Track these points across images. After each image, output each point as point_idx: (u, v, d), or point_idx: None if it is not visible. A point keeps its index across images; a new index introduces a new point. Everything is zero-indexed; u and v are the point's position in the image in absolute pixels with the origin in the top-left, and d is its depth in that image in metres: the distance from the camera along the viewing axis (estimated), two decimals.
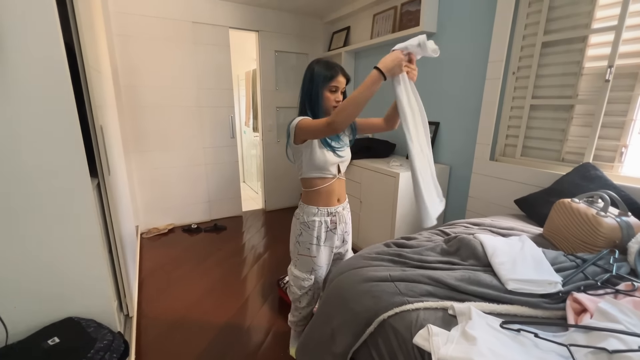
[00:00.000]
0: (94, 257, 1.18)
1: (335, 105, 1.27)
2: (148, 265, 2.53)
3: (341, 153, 1.33)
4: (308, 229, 1.36)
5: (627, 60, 1.54)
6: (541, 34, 1.81)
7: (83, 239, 1.15)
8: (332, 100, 1.27)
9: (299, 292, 1.46)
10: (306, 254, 1.39)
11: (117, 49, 2.72)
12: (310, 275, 1.42)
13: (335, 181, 1.35)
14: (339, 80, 1.26)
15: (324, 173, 1.32)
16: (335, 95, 1.27)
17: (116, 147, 2.06)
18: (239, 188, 3.63)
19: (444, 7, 2.32)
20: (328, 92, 1.26)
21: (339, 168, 1.36)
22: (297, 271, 1.44)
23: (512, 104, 2.02)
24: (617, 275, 0.97)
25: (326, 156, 1.29)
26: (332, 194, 1.36)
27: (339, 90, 1.27)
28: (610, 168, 1.62)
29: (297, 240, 1.40)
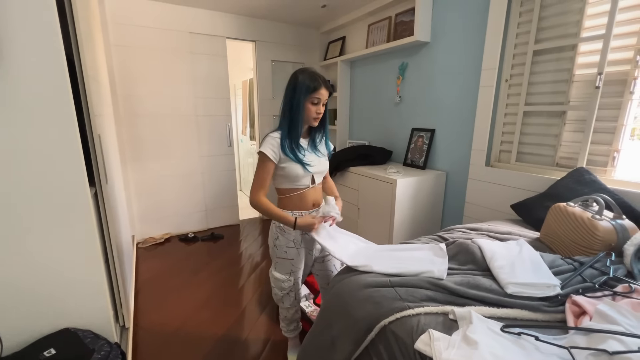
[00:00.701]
0: (91, 267, 1.17)
1: (315, 117, 1.28)
2: (144, 275, 2.50)
3: (312, 168, 1.33)
4: (284, 232, 1.38)
5: (616, 68, 1.58)
6: (532, 43, 1.86)
7: (81, 248, 1.13)
8: (313, 112, 1.27)
9: (280, 293, 1.48)
10: (284, 257, 1.41)
11: (115, 59, 2.73)
12: (289, 276, 1.44)
13: (309, 190, 1.37)
14: (321, 93, 1.25)
15: (295, 185, 1.34)
16: (316, 107, 1.27)
17: (113, 156, 2.05)
18: (236, 196, 3.62)
19: (437, 18, 2.38)
20: (310, 104, 1.26)
21: (313, 179, 1.37)
22: (277, 273, 1.46)
23: (505, 110, 2.06)
24: (614, 277, 0.98)
25: (296, 170, 1.29)
26: (306, 199, 1.37)
27: (320, 102, 1.27)
28: (604, 172, 1.65)
29: (274, 244, 1.43)
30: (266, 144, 1.27)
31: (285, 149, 1.27)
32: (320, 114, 1.29)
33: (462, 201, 2.32)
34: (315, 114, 1.28)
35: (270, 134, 1.30)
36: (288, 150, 1.27)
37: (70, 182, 1.08)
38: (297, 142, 1.30)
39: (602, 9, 1.60)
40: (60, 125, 1.04)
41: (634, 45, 1.52)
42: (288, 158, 1.28)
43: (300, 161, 1.29)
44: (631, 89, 1.54)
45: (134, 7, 2.74)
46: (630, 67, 1.53)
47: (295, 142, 1.29)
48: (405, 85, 2.74)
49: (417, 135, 2.66)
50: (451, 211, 2.46)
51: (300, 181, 1.33)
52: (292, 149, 1.28)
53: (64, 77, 1.03)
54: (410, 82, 2.69)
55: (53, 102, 1.02)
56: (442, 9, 2.33)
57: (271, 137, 1.29)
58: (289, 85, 1.30)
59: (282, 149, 1.27)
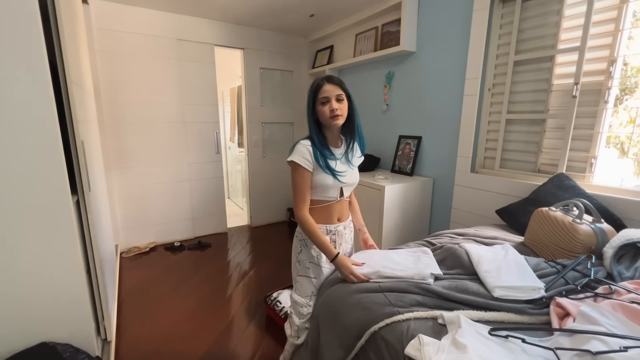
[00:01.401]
0: (72, 277, 1.13)
1: (330, 116, 1.17)
2: (128, 286, 2.42)
3: (343, 178, 1.24)
4: (306, 246, 1.29)
5: (591, 78, 1.66)
6: (512, 54, 1.93)
7: (61, 258, 1.09)
8: (326, 112, 1.18)
9: (298, 321, 1.31)
10: (305, 275, 1.30)
11: (100, 65, 2.69)
12: (309, 301, 1.29)
13: (337, 202, 1.29)
14: (325, 90, 1.18)
15: (322, 196, 1.25)
16: (328, 106, 1.17)
17: (97, 164, 2.00)
18: (224, 204, 3.57)
19: (422, 29, 2.45)
20: (320, 106, 1.19)
21: (342, 192, 1.29)
22: (297, 296, 1.32)
23: (489, 118, 2.12)
24: (595, 279, 1.01)
25: (326, 180, 1.21)
26: (332, 213, 1.29)
27: (330, 99, 1.17)
28: (582, 178, 1.71)
29: (297, 259, 1.32)
30: (296, 152, 1.19)
31: (318, 157, 1.19)
32: (335, 111, 1.16)
33: (448, 207, 2.36)
34: (329, 113, 1.17)
35: (301, 141, 1.22)
36: (320, 157, 1.19)
37: (51, 189, 1.04)
38: (324, 148, 1.22)
39: (577, 23, 1.68)
40: (41, 130, 1.01)
41: (607, 57, 1.60)
42: (319, 167, 1.20)
43: (332, 170, 1.21)
44: (605, 98, 1.62)
45: (120, 13, 2.71)
46: (604, 78, 1.61)
47: (321, 148, 1.21)
48: (392, 94, 2.79)
49: (404, 143, 2.70)
50: (438, 217, 2.49)
51: (328, 192, 1.24)
52: (322, 156, 1.20)
53: (46, 81, 1.01)
54: (397, 91, 2.74)
55: (35, 106, 1.00)
56: (427, 20, 2.40)
57: (301, 145, 1.20)
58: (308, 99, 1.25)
59: (315, 156, 1.19)
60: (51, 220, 1.05)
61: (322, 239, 1.20)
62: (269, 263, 2.83)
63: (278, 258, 2.92)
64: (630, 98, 1.60)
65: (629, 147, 1.61)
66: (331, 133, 1.25)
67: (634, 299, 0.88)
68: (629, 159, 1.61)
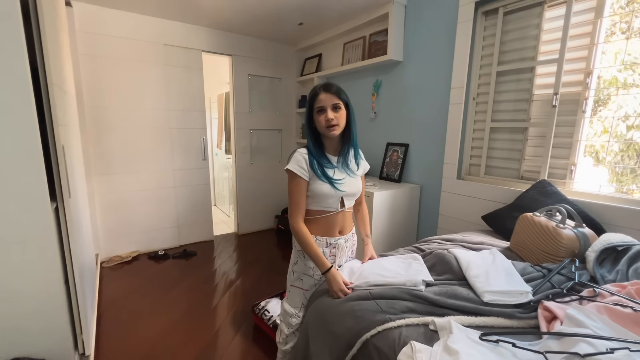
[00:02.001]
0: (49, 288, 1.07)
1: (326, 125, 1.16)
2: (108, 297, 2.32)
3: (342, 187, 1.20)
4: (304, 258, 1.26)
5: (569, 89, 1.73)
6: (495, 64, 2.00)
7: (38, 267, 1.04)
8: (322, 121, 1.17)
9: (286, 330, 1.30)
10: (298, 286, 1.28)
11: (83, 69, 2.62)
12: (299, 312, 1.28)
13: (338, 214, 1.25)
14: (321, 99, 1.17)
15: (322, 206, 1.22)
16: (324, 115, 1.16)
17: (78, 169, 1.93)
18: (210, 211, 3.50)
19: (408, 39, 2.50)
20: (316, 115, 1.18)
21: (342, 202, 1.25)
22: (287, 305, 1.31)
23: (474, 126, 2.17)
24: (579, 282, 1.04)
25: (323, 188, 1.18)
26: (333, 225, 1.25)
27: (326, 109, 1.16)
28: (563, 184, 1.77)
29: (292, 269, 1.30)
30: (293, 161, 1.18)
31: (314, 166, 1.17)
32: (330, 121, 1.15)
33: (436, 213, 2.39)
34: (325, 122, 1.16)
35: (298, 150, 1.21)
36: (316, 165, 1.17)
37: (29, 195, 0.99)
38: (321, 156, 1.21)
39: (555, 36, 1.76)
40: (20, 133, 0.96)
41: (584, 69, 1.68)
42: (315, 175, 1.18)
43: (329, 178, 1.18)
44: (583, 108, 1.69)
45: (105, 17, 2.66)
46: (582, 89, 1.69)
47: (318, 156, 1.19)
48: (380, 102, 2.83)
49: (392, 150, 2.74)
50: (426, 223, 2.52)
51: (327, 202, 1.21)
52: (318, 165, 1.18)
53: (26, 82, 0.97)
54: (385, 99, 2.78)
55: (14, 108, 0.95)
56: (413, 31, 2.46)
57: (298, 153, 1.20)
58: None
59: (310, 165, 1.17)
60: (28, 227, 1.00)
61: (315, 250, 1.18)
62: (256, 271, 2.77)
63: (265, 266, 2.87)
64: (604, 109, 1.68)
65: (603, 156, 1.69)
66: (330, 141, 1.24)
67: (617, 302, 0.90)
68: (604, 167, 1.68)
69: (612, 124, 1.64)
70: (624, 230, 1.44)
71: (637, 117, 1.56)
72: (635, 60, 1.54)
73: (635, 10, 1.54)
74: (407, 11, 2.49)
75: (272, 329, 1.84)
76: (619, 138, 1.63)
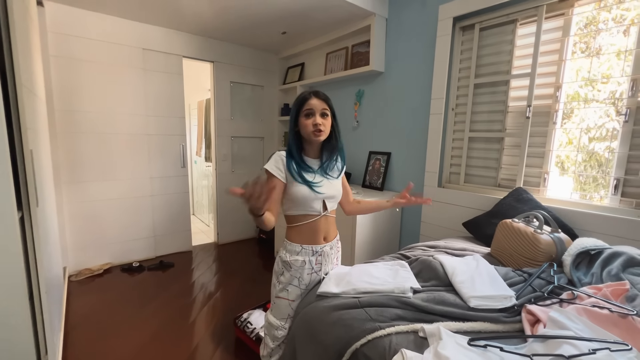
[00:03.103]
0: (11, 304, 0.98)
1: (313, 130, 1.16)
2: (77, 313, 2.16)
3: (320, 189, 1.20)
4: (290, 268, 1.23)
5: (541, 101, 1.83)
6: (473, 77, 2.09)
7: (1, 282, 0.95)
8: (309, 125, 1.17)
9: (272, 344, 1.26)
10: (284, 297, 1.23)
11: (53, 71, 2.49)
12: (285, 323, 1.24)
13: (321, 218, 1.24)
14: (311, 103, 1.17)
15: (306, 210, 1.21)
16: (312, 120, 1.17)
17: (47, 177, 1.81)
18: (189, 221, 3.39)
19: (390, 51, 2.57)
20: (303, 118, 1.18)
21: (325, 205, 1.24)
22: (272, 317, 1.26)
23: (453, 136, 2.25)
24: (558, 285, 1.08)
25: (302, 191, 1.18)
26: (318, 231, 1.24)
27: (315, 113, 1.17)
28: (538, 191, 1.85)
29: (277, 281, 1.26)
30: (270, 161, 1.19)
31: (291, 168, 1.17)
32: (318, 126, 1.16)
33: (417, 220, 2.43)
34: (312, 127, 1.16)
35: (277, 152, 1.22)
36: (293, 169, 1.17)
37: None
38: (301, 160, 1.21)
39: (527, 52, 1.86)
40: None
41: (554, 83, 1.78)
42: (293, 178, 1.17)
43: (306, 181, 1.18)
44: (554, 120, 1.79)
45: (79, 18, 2.56)
46: (552, 101, 1.79)
47: (297, 160, 1.20)
48: (362, 111, 2.88)
49: (374, 158, 2.77)
50: (408, 230, 2.55)
51: (310, 205, 1.20)
52: (297, 168, 1.18)
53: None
54: (367, 108, 2.83)
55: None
56: (394, 43, 2.53)
57: (277, 154, 1.20)
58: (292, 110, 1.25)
59: (287, 167, 1.18)
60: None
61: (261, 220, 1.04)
62: (237, 282, 2.69)
63: (247, 277, 2.80)
64: (568, 122, 1.79)
65: (568, 166, 1.79)
66: (310, 146, 1.24)
67: (594, 303, 0.94)
68: (568, 177, 1.79)
69: (577, 136, 1.75)
70: (593, 234, 1.52)
71: (598, 129, 1.68)
72: (594, 77, 1.66)
73: (592, 31, 1.67)
74: (388, 24, 2.57)
75: (255, 342, 1.78)
76: (582, 149, 1.74)
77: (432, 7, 2.22)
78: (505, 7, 1.89)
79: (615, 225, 1.52)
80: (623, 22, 1.60)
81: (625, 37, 1.57)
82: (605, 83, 1.65)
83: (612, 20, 1.63)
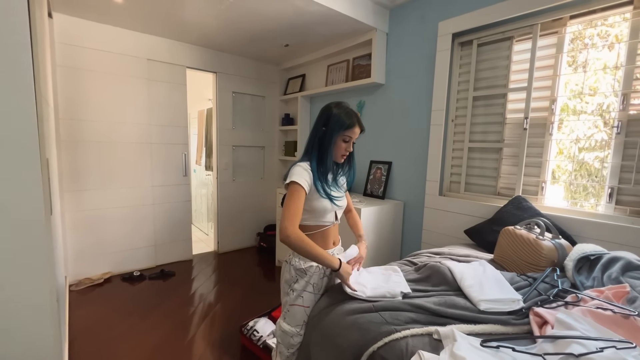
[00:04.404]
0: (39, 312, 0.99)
1: (343, 154, 1.25)
2: (78, 324, 2.14)
3: (339, 202, 1.28)
4: (305, 275, 1.24)
5: (538, 114, 1.92)
6: (471, 90, 2.18)
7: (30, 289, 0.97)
8: (343, 149, 1.24)
9: (287, 351, 1.26)
10: (299, 304, 1.24)
11: (60, 81, 2.51)
12: (301, 330, 1.25)
13: (332, 226, 1.32)
14: (355, 132, 1.23)
15: (321, 221, 1.26)
16: (346, 145, 1.24)
17: (55, 185, 1.82)
18: (190, 229, 3.39)
19: (390, 64, 2.67)
20: (341, 141, 1.22)
21: (336, 215, 1.32)
22: (286, 325, 1.26)
23: (453, 146, 2.32)
24: (563, 289, 1.13)
25: (324, 204, 1.23)
26: (329, 238, 1.31)
27: (351, 140, 1.24)
28: (536, 200, 1.93)
29: (290, 289, 1.26)
30: (299, 175, 1.17)
31: (317, 182, 1.20)
32: (348, 152, 1.26)
33: (419, 228, 2.48)
34: (344, 151, 1.24)
35: (300, 164, 1.21)
36: (319, 183, 1.20)
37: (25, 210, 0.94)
38: (327, 176, 1.25)
39: (524, 67, 1.96)
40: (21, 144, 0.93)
41: (549, 96, 1.88)
42: (317, 192, 1.20)
43: (329, 196, 1.22)
44: (550, 131, 1.87)
45: (86, 30, 2.60)
46: (548, 114, 1.88)
47: (325, 176, 1.24)
48: (364, 121, 2.91)
49: (375, 167, 2.84)
50: (410, 238, 2.60)
51: (326, 217, 1.26)
52: (323, 183, 1.22)
53: (29, 95, 0.95)
54: (368, 118, 2.90)
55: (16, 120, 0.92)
56: (395, 57, 2.63)
57: (302, 168, 1.20)
58: (320, 118, 1.25)
59: (314, 181, 1.20)
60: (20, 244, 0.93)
61: (321, 250, 1.15)
62: (239, 291, 2.69)
63: (249, 285, 2.80)
64: (559, 132, 1.88)
65: (559, 175, 1.88)
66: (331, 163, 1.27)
67: (598, 305, 0.99)
68: (559, 185, 1.88)
69: (567, 147, 1.84)
70: (591, 240, 1.58)
71: (587, 140, 1.77)
72: (583, 90, 1.76)
73: (578, 47, 1.78)
74: (388, 38, 2.67)
75: (262, 350, 1.79)
76: (572, 159, 1.83)
77: (431, 24, 2.32)
78: (501, 25, 1.99)
79: (610, 232, 1.59)
80: (607, 37, 1.71)
81: (610, 51, 1.68)
82: (593, 95, 1.74)
83: (597, 35, 1.74)
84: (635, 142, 1.59)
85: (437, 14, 2.28)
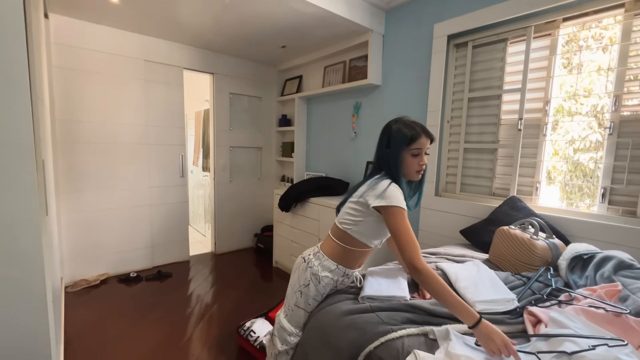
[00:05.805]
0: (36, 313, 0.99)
1: (418, 170, 1.14)
2: (74, 325, 2.13)
3: None
4: (318, 283, 1.21)
5: (531, 115, 1.94)
6: (467, 91, 2.20)
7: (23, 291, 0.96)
8: (416, 165, 1.13)
9: (280, 346, 1.26)
10: (303, 307, 1.23)
11: (55, 81, 2.50)
12: (299, 331, 1.25)
13: (370, 250, 1.27)
14: (421, 142, 1.12)
15: (372, 242, 1.22)
16: (418, 159, 1.13)
17: (50, 186, 1.82)
18: (187, 230, 3.38)
19: (386, 65, 2.68)
20: (409, 156, 1.13)
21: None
22: (287, 323, 1.26)
23: (449, 147, 2.34)
24: (556, 288, 1.14)
25: (385, 232, 1.19)
26: (359, 260, 1.26)
27: (422, 152, 1.14)
28: (530, 200, 1.94)
29: (299, 290, 1.23)
30: (397, 198, 1.07)
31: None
32: (423, 166, 1.14)
33: (415, 228, 2.49)
34: (418, 166, 1.14)
35: (392, 184, 1.10)
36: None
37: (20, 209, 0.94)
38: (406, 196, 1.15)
39: (518, 69, 1.98)
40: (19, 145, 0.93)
41: (543, 98, 1.90)
42: None
43: None
44: (544, 132, 1.89)
45: (82, 30, 2.59)
46: (542, 115, 1.90)
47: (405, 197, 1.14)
48: (360, 122, 2.96)
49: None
50: None
51: (378, 239, 1.21)
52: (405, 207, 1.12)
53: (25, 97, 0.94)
54: (365, 120, 2.92)
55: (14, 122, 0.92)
56: (391, 59, 2.64)
57: (396, 188, 1.10)
58: (382, 139, 1.19)
59: None
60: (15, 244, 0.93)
61: (458, 298, 0.96)
62: (236, 292, 2.69)
63: (246, 286, 2.80)
64: (554, 133, 1.90)
65: (554, 176, 1.90)
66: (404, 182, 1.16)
67: (590, 304, 1.01)
68: (555, 186, 1.90)
69: (563, 148, 1.86)
70: (584, 240, 1.60)
71: (582, 141, 1.79)
72: (577, 91, 1.78)
73: (573, 49, 1.81)
74: (384, 40, 2.68)
75: (259, 350, 1.79)
76: (567, 159, 1.85)
77: (427, 26, 2.33)
78: (496, 27, 2.01)
79: (603, 232, 1.61)
80: (602, 39, 1.73)
81: (604, 53, 1.70)
82: (587, 97, 1.77)
83: (591, 37, 1.76)
84: (627, 143, 1.61)
85: (432, 16, 2.30)
